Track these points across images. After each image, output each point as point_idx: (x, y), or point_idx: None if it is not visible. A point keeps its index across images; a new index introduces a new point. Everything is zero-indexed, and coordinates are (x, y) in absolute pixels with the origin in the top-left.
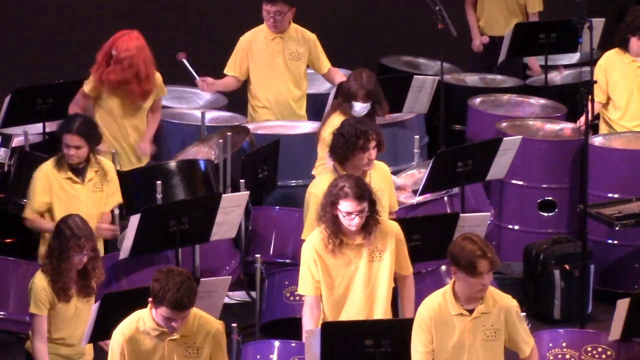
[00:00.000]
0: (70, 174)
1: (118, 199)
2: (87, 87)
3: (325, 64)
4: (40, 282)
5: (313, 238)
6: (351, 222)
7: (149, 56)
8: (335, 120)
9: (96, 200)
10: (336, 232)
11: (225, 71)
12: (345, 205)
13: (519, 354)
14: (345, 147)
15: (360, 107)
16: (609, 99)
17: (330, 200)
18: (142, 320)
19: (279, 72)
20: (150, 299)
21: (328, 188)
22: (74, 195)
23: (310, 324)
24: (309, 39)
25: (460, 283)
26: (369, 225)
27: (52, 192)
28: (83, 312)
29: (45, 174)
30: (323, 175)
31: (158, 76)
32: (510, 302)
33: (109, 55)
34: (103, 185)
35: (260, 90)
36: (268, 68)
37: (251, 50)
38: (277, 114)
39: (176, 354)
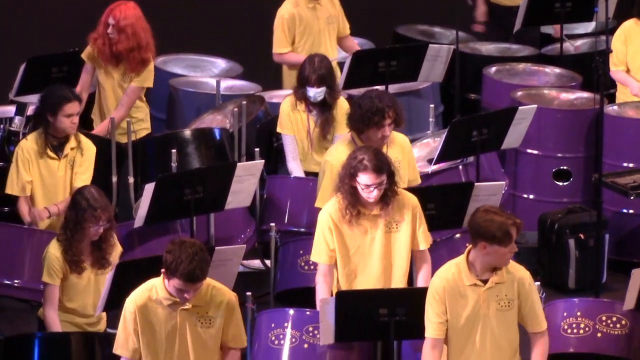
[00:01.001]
0: (49, 151)
1: (87, 179)
2: (84, 55)
3: (347, 26)
4: (54, 251)
5: (330, 206)
6: (370, 195)
7: (147, 26)
8: (285, 105)
9: (70, 176)
10: (354, 203)
11: (280, 50)
12: (364, 178)
13: (530, 328)
14: (360, 120)
15: (314, 93)
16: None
17: (349, 172)
18: (155, 289)
19: (323, 39)
20: (162, 270)
21: (347, 160)
22: (52, 172)
23: (323, 292)
24: (335, 1)
25: (490, 256)
26: (387, 196)
27: (32, 169)
28: (96, 283)
29: (27, 150)
30: (340, 143)
31: (151, 64)
32: (524, 273)
33: (105, 26)
34: (75, 161)
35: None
36: (311, 36)
37: (298, 22)
38: None
39: (188, 324)
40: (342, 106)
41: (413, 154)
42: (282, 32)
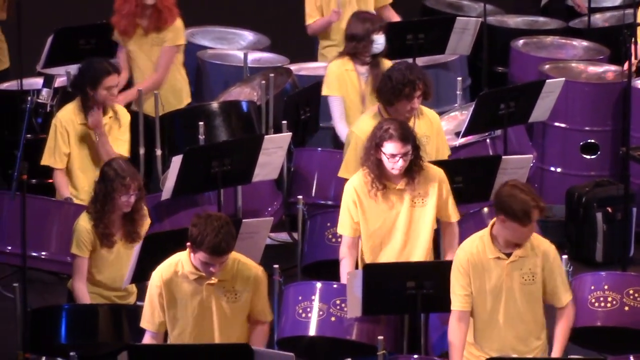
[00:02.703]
0: (86, 121)
1: (123, 149)
2: (115, 36)
3: None
4: (84, 223)
5: (355, 179)
6: (395, 165)
7: None
8: (334, 67)
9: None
10: (379, 176)
11: (310, 21)
12: (390, 147)
13: (555, 303)
14: (391, 92)
15: (383, 39)
16: None
17: (375, 143)
18: (181, 263)
19: (352, 7)
20: (188, 244)
21: (373, 130)
22: (91, 141)
23: (347, 264)
24: None
25: (508, 231)
26: (413, 170)
27: (70, 141)
28: (126, 256)
29: (65, 122)
30: (366, 115)
31: (179, 22)
32: (548, 246)
33: None
34: (113, 129)
35: (335, 27)
36: (341, 6)
37: None
38: None
39: (214, 298)
40: (387, 65)
41: (442, 131)
42: (311, 2)
